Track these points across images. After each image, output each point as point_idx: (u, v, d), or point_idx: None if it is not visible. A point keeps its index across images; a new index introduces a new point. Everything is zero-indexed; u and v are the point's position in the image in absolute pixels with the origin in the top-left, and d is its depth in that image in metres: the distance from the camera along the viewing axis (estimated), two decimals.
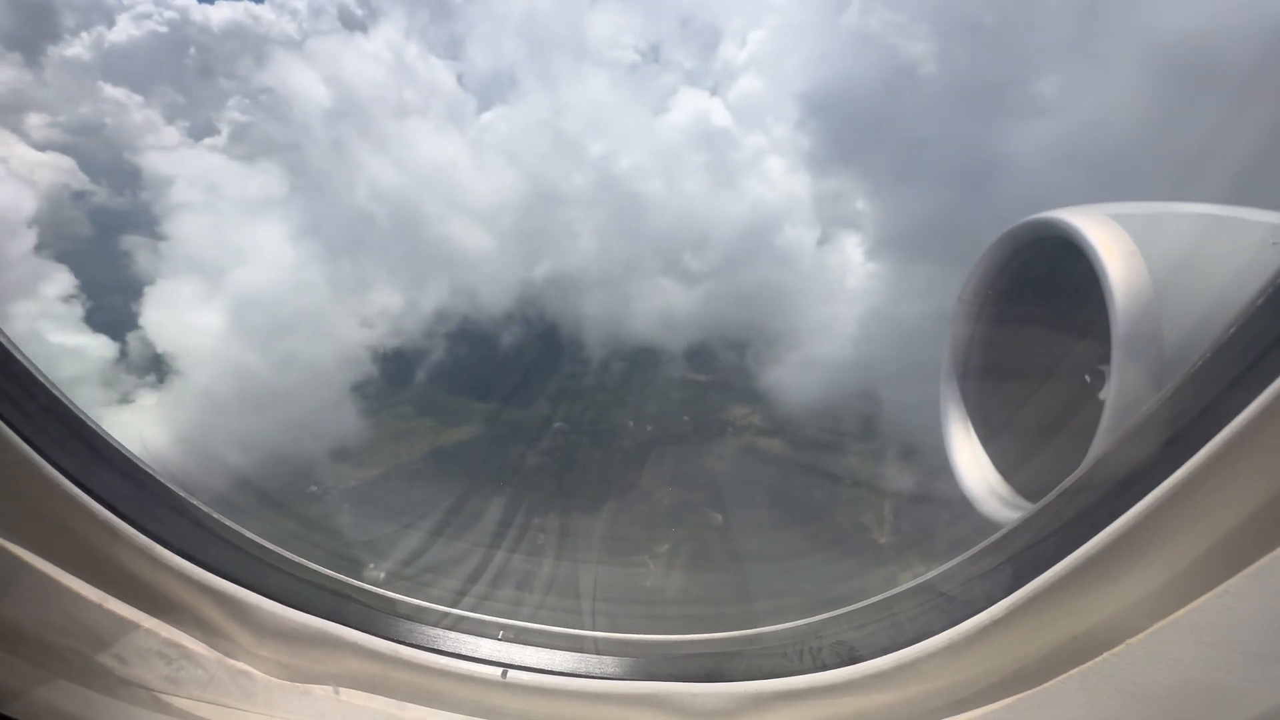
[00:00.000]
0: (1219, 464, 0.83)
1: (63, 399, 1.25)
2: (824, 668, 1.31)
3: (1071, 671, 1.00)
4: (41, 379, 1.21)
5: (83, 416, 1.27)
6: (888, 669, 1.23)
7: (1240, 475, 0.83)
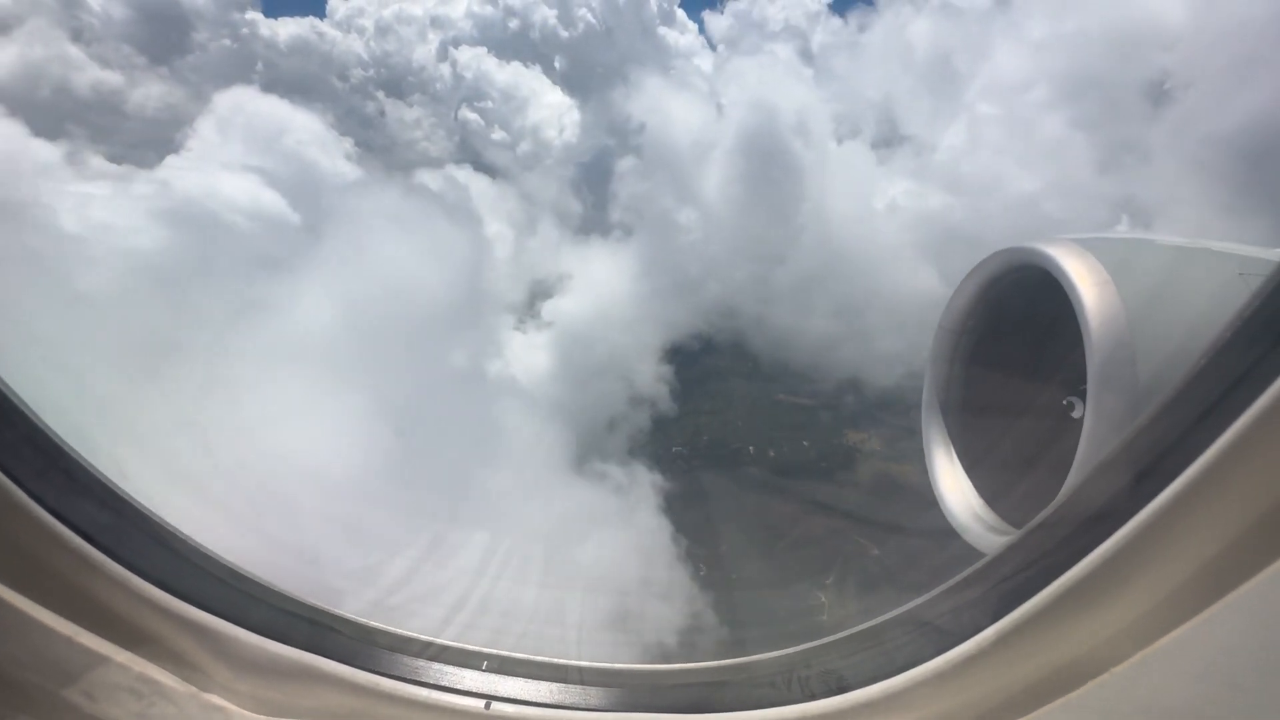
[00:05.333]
0: (1198, 492, 0.85)
1: (39, 424, 1.22)
2: (812, 697, 1.29)
3: (1058, 700, 1.00)
4: (17, 403, 1.19)
5: (59, 442, 1.24)
6: (876, 698, 1.22)
7: (1220, 502, 0.84)
